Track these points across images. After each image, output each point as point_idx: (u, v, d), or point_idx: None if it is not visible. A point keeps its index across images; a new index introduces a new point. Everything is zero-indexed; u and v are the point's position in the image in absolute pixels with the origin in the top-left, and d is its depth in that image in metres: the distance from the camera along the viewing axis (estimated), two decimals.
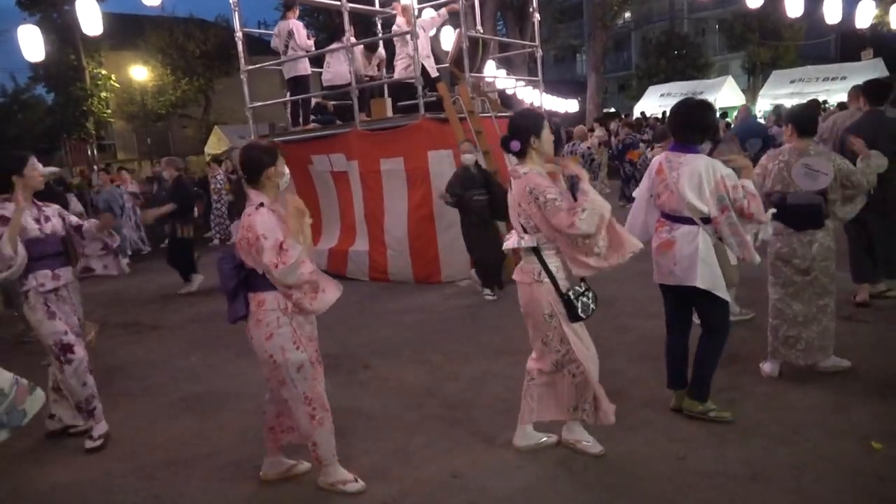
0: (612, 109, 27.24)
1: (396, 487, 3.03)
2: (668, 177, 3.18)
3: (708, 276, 3.14)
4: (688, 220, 3.18)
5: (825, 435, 3.13)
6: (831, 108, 13.61)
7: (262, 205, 2.79)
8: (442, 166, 7.03)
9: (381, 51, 8.89)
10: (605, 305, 5.49)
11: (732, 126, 9.89)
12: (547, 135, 2.98)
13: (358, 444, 3.42)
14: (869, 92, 5.09)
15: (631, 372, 4.08)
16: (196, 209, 8.99)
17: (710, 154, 3.84)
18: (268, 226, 2.72)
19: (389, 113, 7.93)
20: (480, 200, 6.19)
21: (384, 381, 4.40)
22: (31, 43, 7.92)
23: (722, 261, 3.21)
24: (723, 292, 3.20)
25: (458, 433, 3.52)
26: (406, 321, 5.88)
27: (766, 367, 3.89)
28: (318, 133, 8.22)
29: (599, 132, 14.65)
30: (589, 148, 12.40)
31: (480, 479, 3.03)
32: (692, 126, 3.22)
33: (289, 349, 2.85)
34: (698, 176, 3.10)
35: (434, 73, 7.97)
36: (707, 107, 3.32)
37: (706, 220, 3.15)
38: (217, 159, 14.27)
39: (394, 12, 8.41)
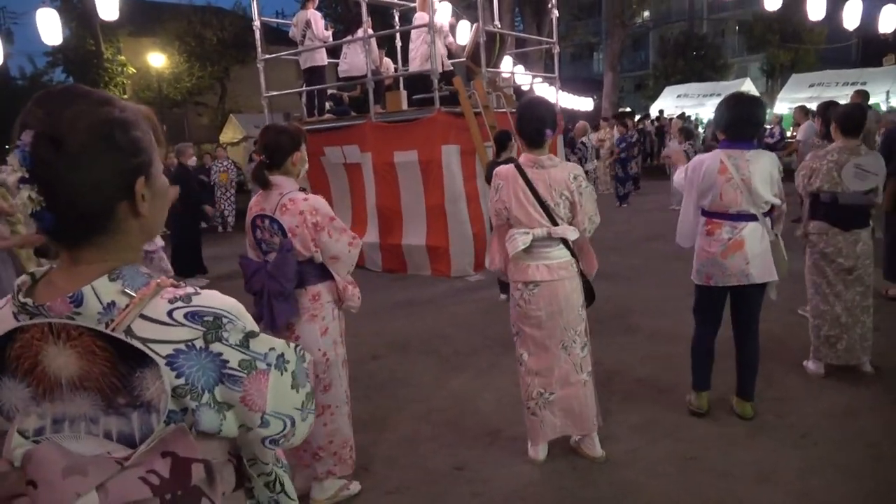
0: (628, 108, 27.09)
1: (402, 478, 3.04)
2: (735, 175, 3.08)
3: (777, 270, 3.19)
4: (752, 217, 3.14)
5: (834, 440, 3.12)
6: None
7: (303, 190, 2.59)
8: (452, 161, 7.03)
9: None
10: (616, 305, 5.52)
11: None
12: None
13: (365, 435, 3.44)
14: None
15: (640, 371, 4.07)
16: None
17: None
18: (329, 208, 2.57)
19: (405, 105, 7.92)
20: None
21: (392, 371, 4.42)
22: (49, 26, 7.98)
23: (777, 254, 3.21)
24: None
25: (464, 425, 3.53)
26: (416, 313, 5.88)
27: (811, 366, 3.88)
28: (333, 124, 8.23)
29: (601, 133, 14.52)
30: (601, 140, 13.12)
31: (485, 471, 3.04)
32: (753, 121, 3.20)
33: (339, 343, 2.73)
34: (768, 171, 3.11)
35: (448, 68, 7.95)
36: (761, 102, 3.31)
37: (764, 214, 3.17)
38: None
39: (413, 5, 8.39)
